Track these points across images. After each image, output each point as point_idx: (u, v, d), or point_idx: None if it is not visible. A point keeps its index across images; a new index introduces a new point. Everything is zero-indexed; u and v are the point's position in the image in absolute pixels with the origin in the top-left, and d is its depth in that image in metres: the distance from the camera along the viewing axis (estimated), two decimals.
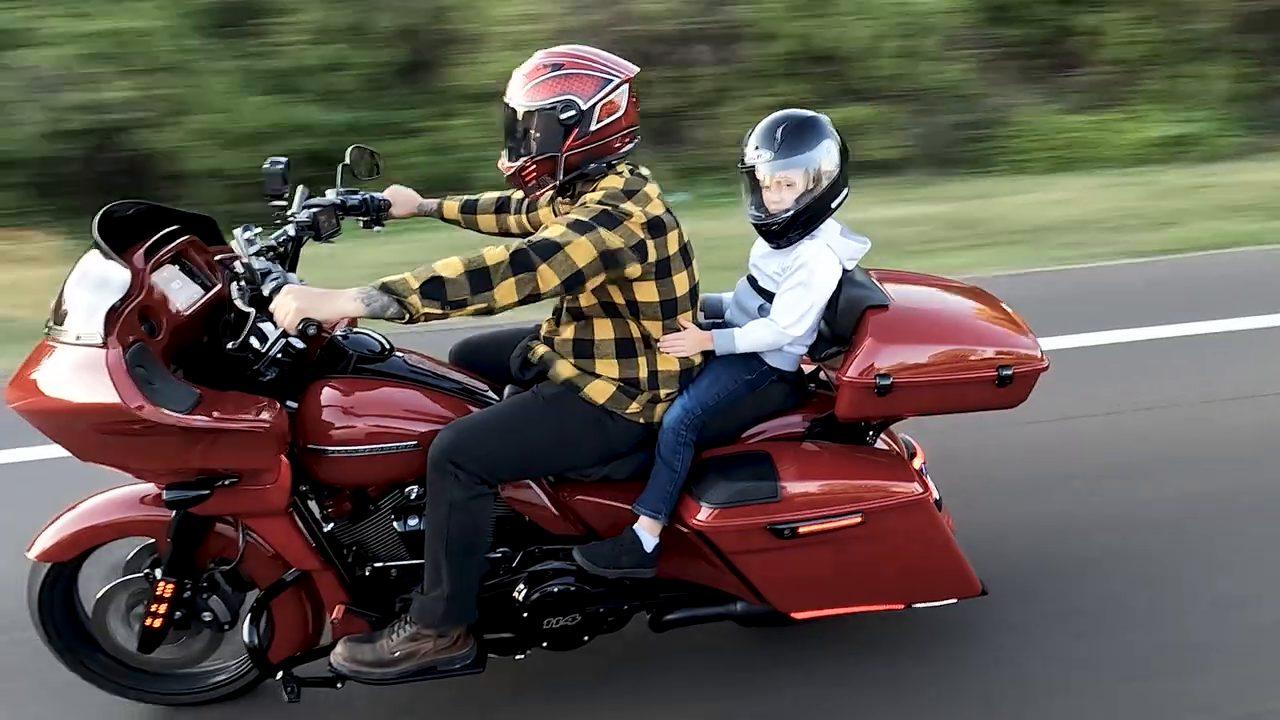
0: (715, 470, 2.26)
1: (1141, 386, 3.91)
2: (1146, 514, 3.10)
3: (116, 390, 1.88)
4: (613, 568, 2.25)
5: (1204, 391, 3.86)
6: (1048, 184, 7.11)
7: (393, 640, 2.26)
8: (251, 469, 2.09)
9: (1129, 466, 3.37)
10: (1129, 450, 3.48)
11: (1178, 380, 3.96)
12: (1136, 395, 3.84)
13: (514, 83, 2.14)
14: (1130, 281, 5.21)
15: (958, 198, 6.85)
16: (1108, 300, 4.90)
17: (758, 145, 2.22)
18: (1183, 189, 6.82)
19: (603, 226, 2.03)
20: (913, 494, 2.26)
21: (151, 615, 2.29)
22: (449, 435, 2.15)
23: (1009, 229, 6.16)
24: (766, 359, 2.32)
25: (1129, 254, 5.68)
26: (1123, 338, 4.36)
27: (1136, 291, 5.03)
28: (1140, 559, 2.89)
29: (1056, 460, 3.42)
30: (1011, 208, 6.56)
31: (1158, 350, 4.25)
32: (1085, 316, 4.58)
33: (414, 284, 1.88)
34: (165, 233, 2.22)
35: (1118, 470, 3.35)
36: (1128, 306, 4.74)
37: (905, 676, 2.49)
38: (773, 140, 2.20)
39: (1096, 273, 5.41)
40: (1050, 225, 6.19)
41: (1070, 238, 5.96)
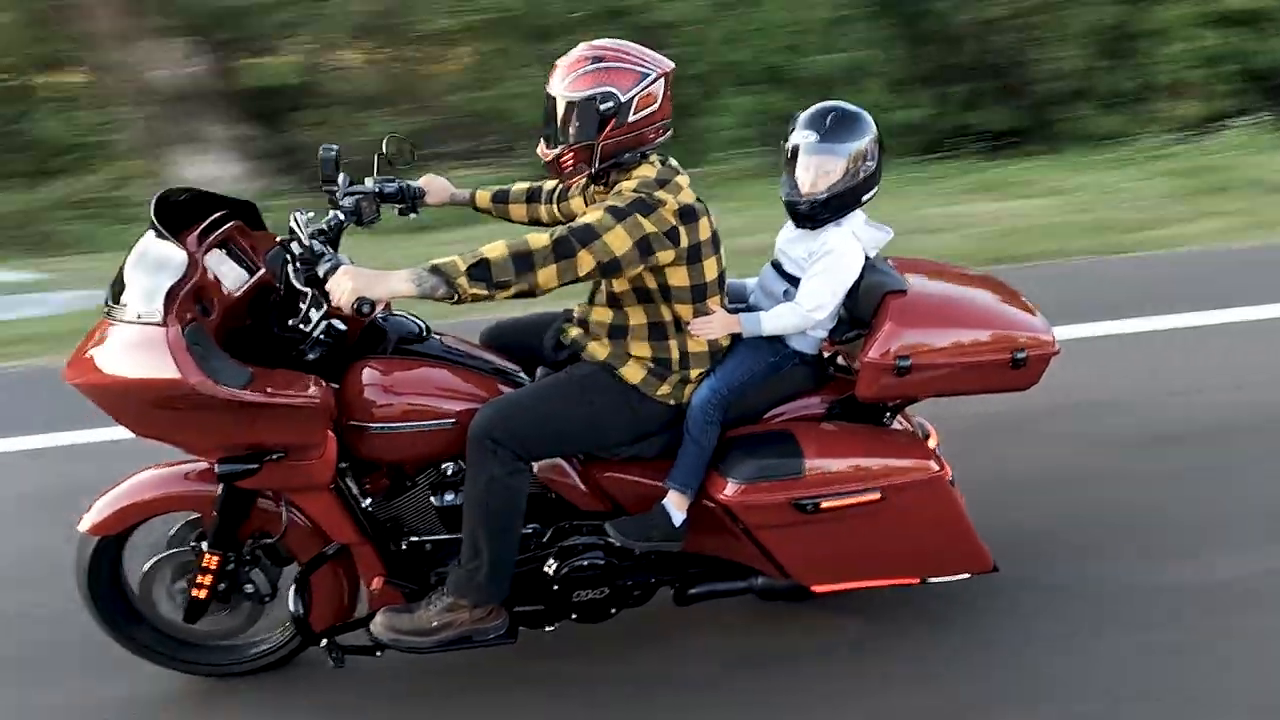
0: (741, 448, 2.36)
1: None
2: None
3: (177, 366, 1.97)
4: (643, 540, 2.34)
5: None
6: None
7: (430, 610, 2.35)
8: (300, 444, 2.18)
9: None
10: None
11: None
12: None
13: (556, 73, 2.23)
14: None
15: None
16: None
17: (805, 126, 2.32)
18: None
19: (638, 213, 2.12)
20: (930, 472, 2.36)
21: (197, 586, 2.38)
22: (488, 413, 2.24)
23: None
24: (790, 342, 2.42)
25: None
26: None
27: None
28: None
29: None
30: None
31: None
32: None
33: (462, 266, 1.97)
34: (214, 217, 2.31)
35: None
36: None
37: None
38: (821, 124, 2.30)
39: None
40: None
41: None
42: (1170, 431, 3.56)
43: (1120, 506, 3.13)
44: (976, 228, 6.20)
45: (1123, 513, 3.10)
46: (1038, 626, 2.64)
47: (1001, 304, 2.45)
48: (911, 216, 6.05)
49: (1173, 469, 3.32)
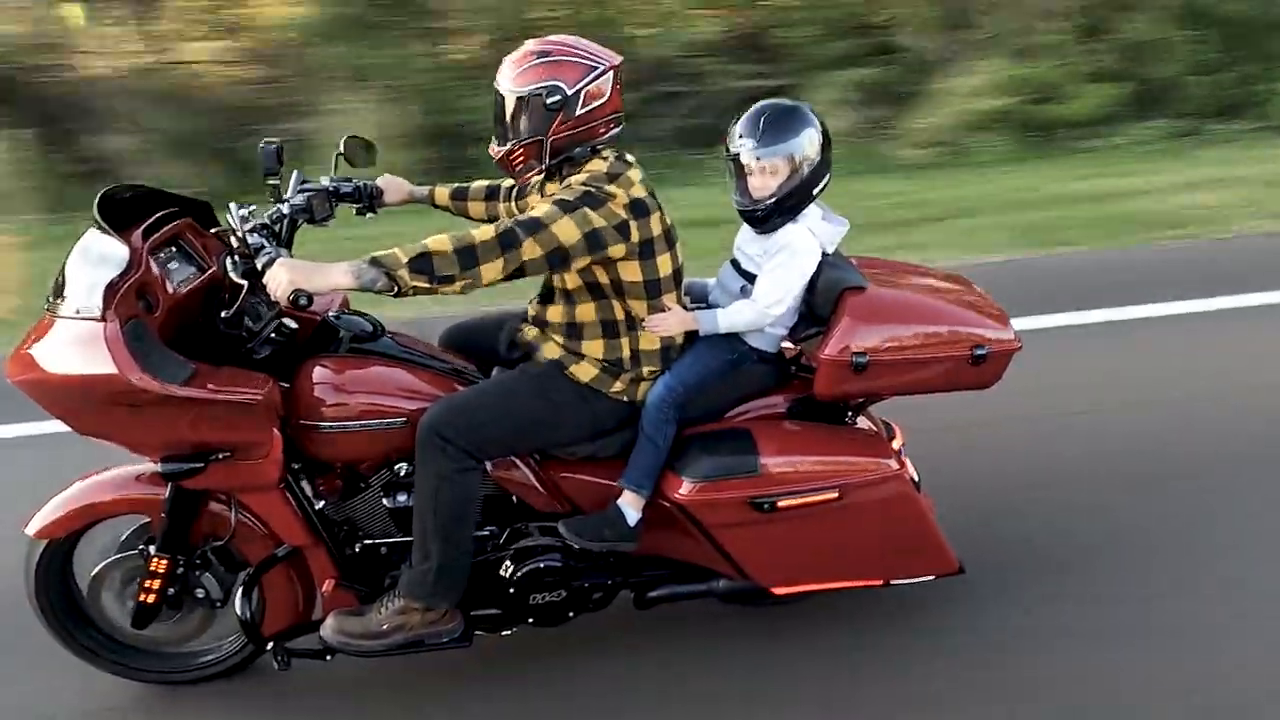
0: (697, 446, 2.32)
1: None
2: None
3: (114, 361, 1.94)
4: (597, 540, 2.30)
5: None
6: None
7: (381, 613, 2.31)
8: (245, 442, 2.14)
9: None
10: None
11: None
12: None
13: (503, 69, 2.21)
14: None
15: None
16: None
17: (742, 133, 2.29)
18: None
19: (586, 206, 2.09)
20: (888, 470, 2.33)
21: (145, 591, 2.34)
22: (437, 410, 2.21)
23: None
24: (748, 339, 2.39)
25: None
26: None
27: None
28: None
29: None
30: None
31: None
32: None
33: (403, 258, 1.94)
34: (162, 215, 2.28)
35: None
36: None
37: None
38: (756, 128, 2.27)
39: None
40: None
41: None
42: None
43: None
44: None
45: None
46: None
47: (963, 301, 2.42)
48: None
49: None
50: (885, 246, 5.06)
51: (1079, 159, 7.34)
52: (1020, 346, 2.35)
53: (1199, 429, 3.51)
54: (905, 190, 6.74)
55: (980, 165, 7.27)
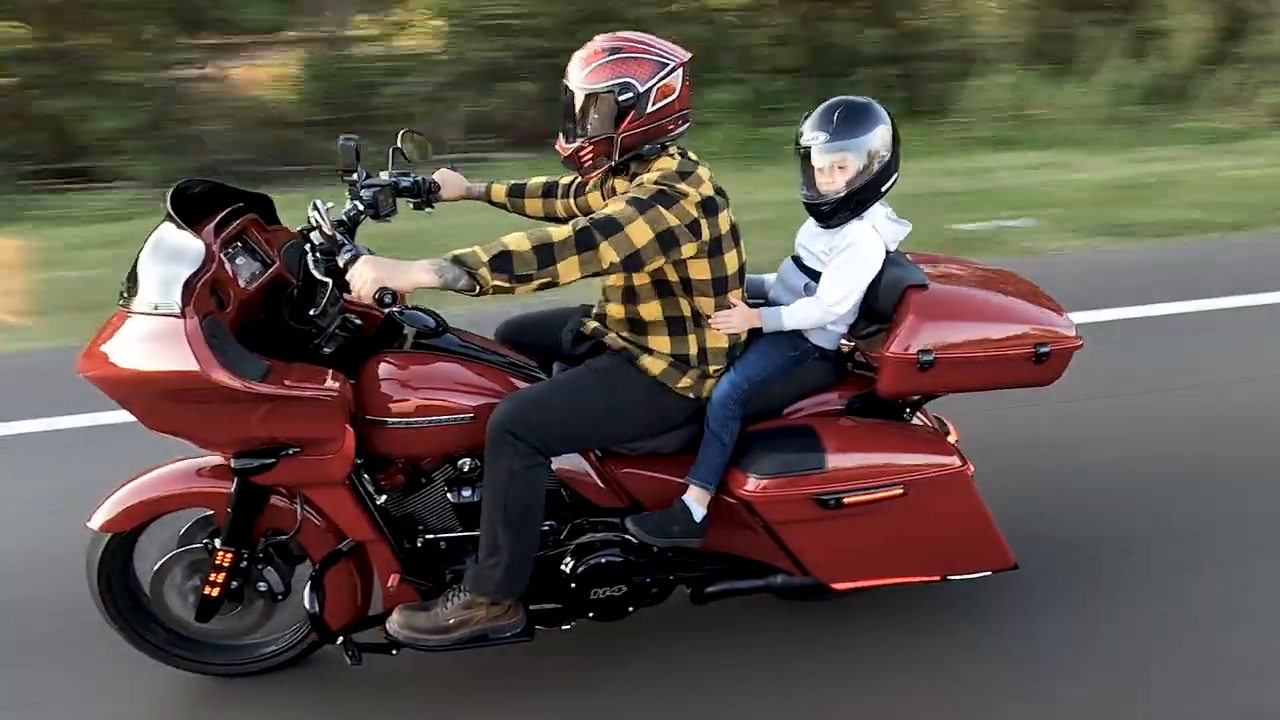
0: (762, 443, 2.33)
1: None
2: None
3: (195, 358, 1.94)
4: (664, 536, 2.32)
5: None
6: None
7: (447, 608, 2.32)
8: (318, 438, 2.15)
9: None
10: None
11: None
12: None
13: (573, 66, 2.21)
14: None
15: None
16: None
17: (814, 128, 2.29)
18: None
19: (660, 205, 2.10)
20: (953, 467, 2.34)
21: (210, 584, 2.35)
22: (507, 406, 2.21)
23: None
24: (809, 337, 2.40)
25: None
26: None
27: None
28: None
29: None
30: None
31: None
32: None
33: (484, 257, 1.94)
34: (229, 210, 2.28)
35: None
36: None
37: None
38: (829, 123, 2.27)
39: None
40: None
41: None
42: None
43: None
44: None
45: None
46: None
47: (1023, 298, 2.43)
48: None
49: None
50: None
51: None
52: (1081, 344, 2.37)
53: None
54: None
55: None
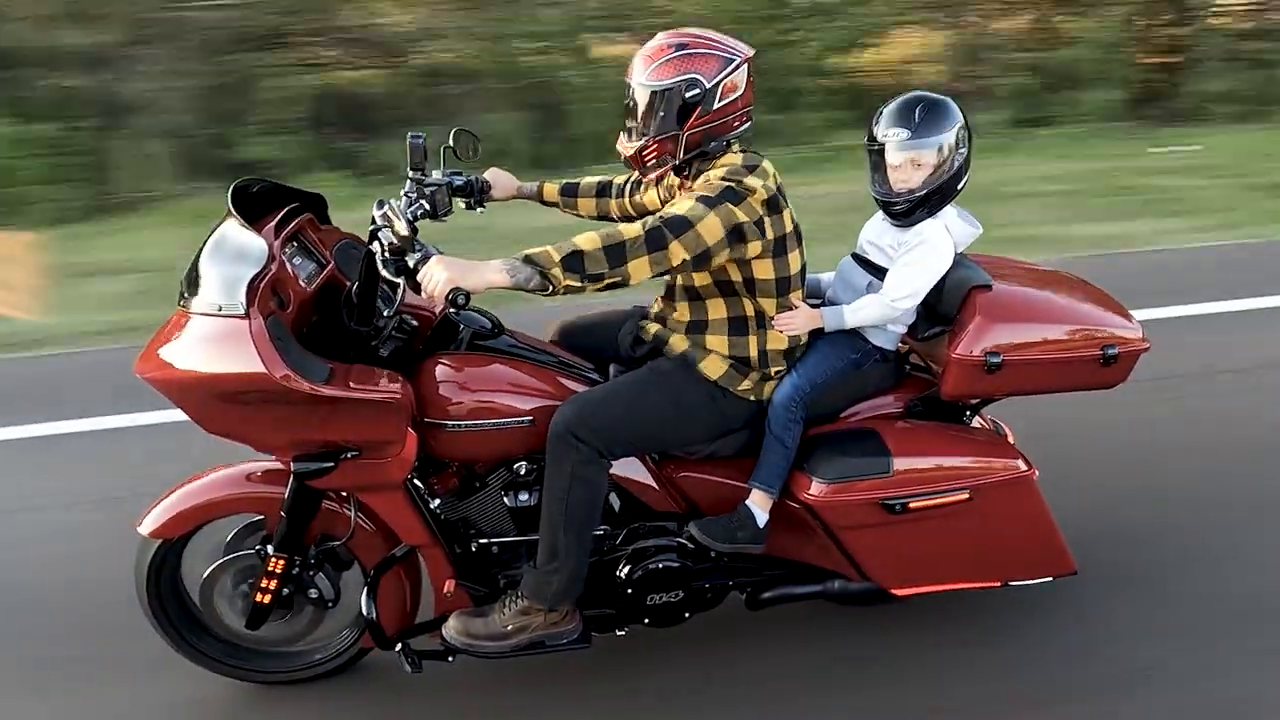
0: (826, 446, 2.30)
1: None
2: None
3: (261, 359, 1.90)
4: (729, 541, 2.28)
5: None
6: None
7: (504, 614, 2.28)
8: (380, 441, 2.10)
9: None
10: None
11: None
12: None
13: (637, 64, 2.17)
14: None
15: None
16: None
17: (892, 123, 2.25)
18: None
19: (729, 201, 2.06)
20: (1019, 470, 2.30)
21: (261, 591, 2.31)
22: (571, 409, 2.17)
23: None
24: (870, 338, 2.36)
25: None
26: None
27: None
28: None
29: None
30: None
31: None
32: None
33: (556, 257, 1.91)
34: (288, 209, 2.24)
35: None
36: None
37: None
38: (910, 119, 2.23)
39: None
40: None
41: None
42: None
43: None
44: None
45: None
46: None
47: (1089, 300, 2.39)
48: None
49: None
50: None
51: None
52: (1149, 346, 2.33)
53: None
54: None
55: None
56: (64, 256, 5.97)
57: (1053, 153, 8.03)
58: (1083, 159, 7.81)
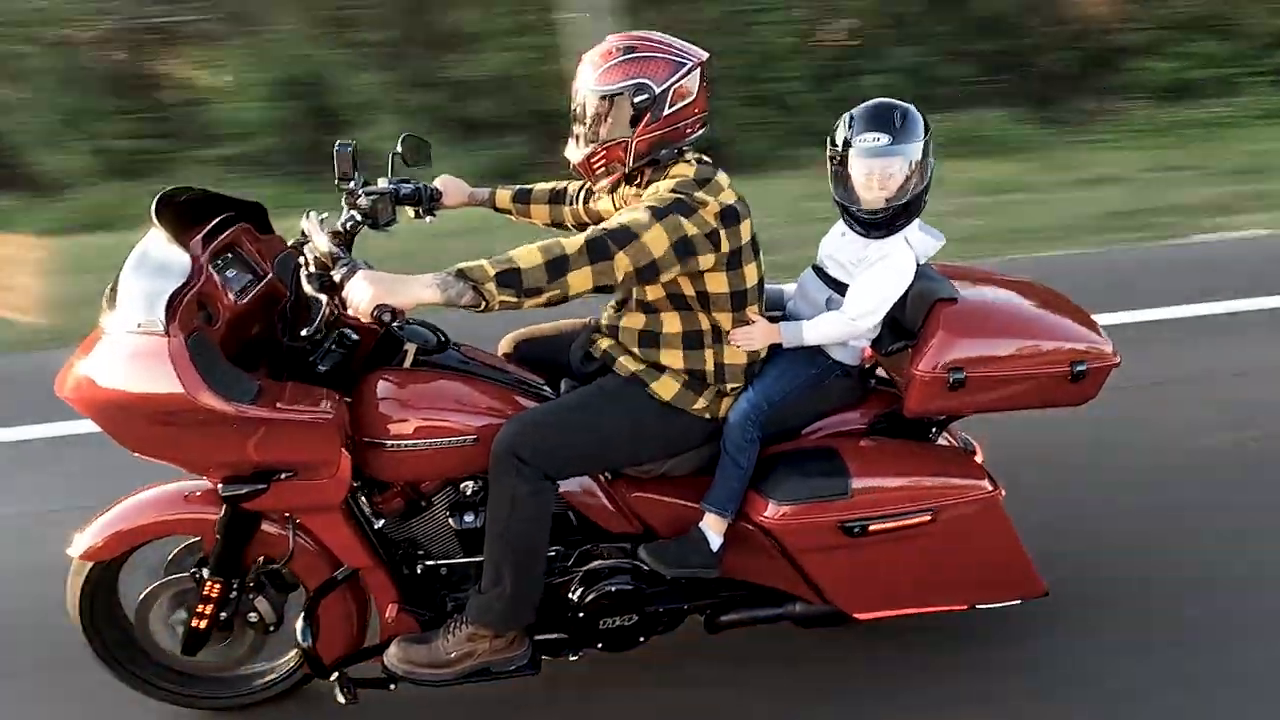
0: (783, 466, 2.21)
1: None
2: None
3: (180, 379, 1.81)
4: (681, 566, 2.19)
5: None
6: None
7: (448, 640, 2.19)
8: (312, 462, 2.02)
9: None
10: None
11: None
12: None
13: (584, 67, 2.08)
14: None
15: None
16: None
17: (868, 128, 2.13)
18: None
19: (679, 214, 1.97)
20: (984, 491, 2.22)
21: (197, 616, 2.22)
22: (512, 429, 2.09)
23: None
24: (831, 353, 2.27)
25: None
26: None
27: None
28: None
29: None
30: None
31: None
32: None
33: (490, 271, 1.82)
34: (220, 220, 2.15)
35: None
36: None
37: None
38: (889, 125, 2.12)
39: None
40: None
41: None
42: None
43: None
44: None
45: None
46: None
47: (1057, 313, 2.30)
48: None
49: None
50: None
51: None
52: (1119, 362, 2.24)
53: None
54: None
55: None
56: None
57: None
58: None
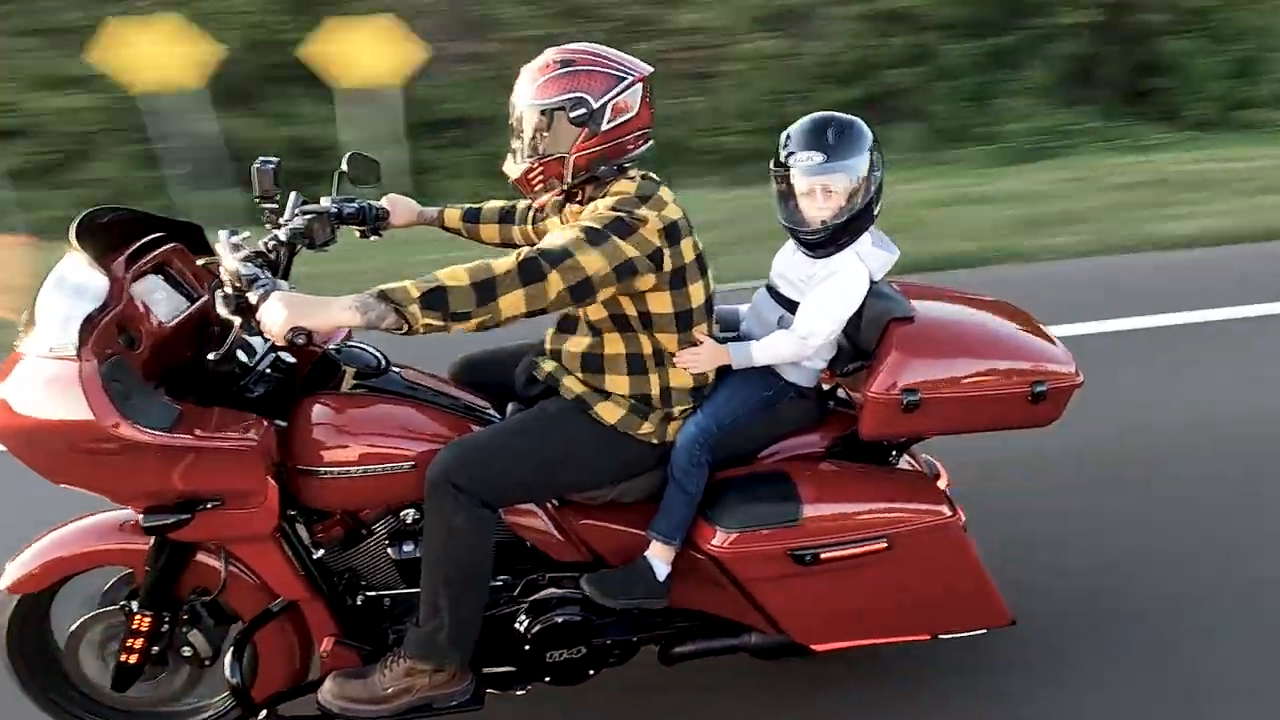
0: (732, 492, 2.13)
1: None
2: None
3: (90, 406, 1.75)
4: (624, 598, 2.11)
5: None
6: None
7: (385, 675, 2.11)
8: (236, 491, 1.95)
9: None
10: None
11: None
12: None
13: (522, 80, 2.02)
14: None
15: None
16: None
17: (803, 146, 2.07)
18: None
19: (616, 234, 1.90)
20: (941, 517, 2.14)
21: (127, 651, 2.14)
22: (449, 455, 2.01)
23: None
24: (784, 374, 2.20)
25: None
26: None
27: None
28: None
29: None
30: None
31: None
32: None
33: (414, 293, 1.75)
34: (149, 240, 2.09)
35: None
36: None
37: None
38: (823, 141, 2.05)
39: None
40: None
41: None
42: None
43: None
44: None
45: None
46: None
47: (1018, 331, 2.23)
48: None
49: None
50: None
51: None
52: (1082, 382, 2.16)
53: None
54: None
55: None
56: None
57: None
58: None
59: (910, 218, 6.07)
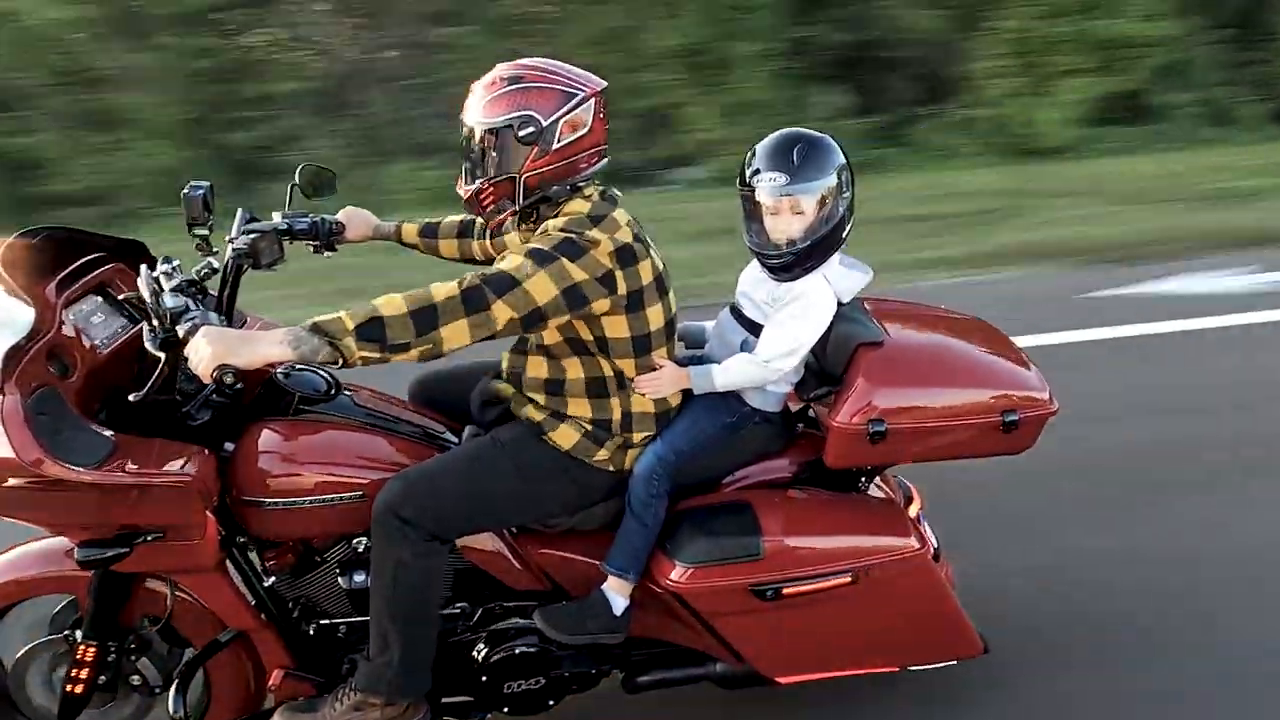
0: (691, 523, 2.06)
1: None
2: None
3: (11, 443, 1.68)
4: (579, 633, 2.05)
5: None
6: None
7: (336, 709, 2.05)
8: (173, 525, 1.88)
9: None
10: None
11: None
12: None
13: (471, 98, 1.94)
14: None
15: None
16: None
17: (769, 167, 1.99)
18: None
19: (565, 257, 1.83)
20: (909, 549, 2.06)
21: (72, 681, 2.08)
22: (395, 487, 1.94)
23: None
24: (748, 399, 2.12)
25: None
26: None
27: None
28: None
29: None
30: None
31: None
32: None
33: (349, 324, 1.68)
34: (87, 260, 2.02)
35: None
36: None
37: None
38: (788, 162, 1.97)
39: None
40: None
41: None
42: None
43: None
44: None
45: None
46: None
47: (991, 356, 2.14)
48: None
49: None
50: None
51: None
52: (1056, 410, 2.08)
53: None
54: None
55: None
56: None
57: None
58: None
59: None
